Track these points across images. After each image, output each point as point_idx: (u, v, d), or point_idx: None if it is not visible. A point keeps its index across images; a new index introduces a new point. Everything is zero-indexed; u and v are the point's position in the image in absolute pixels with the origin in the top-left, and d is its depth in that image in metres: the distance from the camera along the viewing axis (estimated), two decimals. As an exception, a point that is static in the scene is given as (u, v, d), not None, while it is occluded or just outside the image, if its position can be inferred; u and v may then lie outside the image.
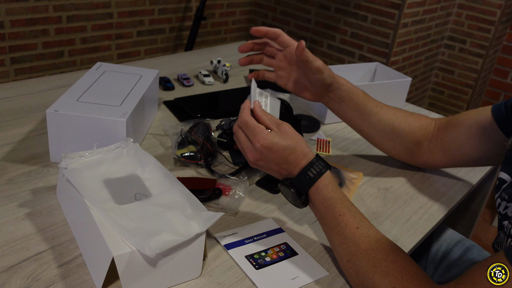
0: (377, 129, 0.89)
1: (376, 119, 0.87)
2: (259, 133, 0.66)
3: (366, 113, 0.86)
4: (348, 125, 0.92)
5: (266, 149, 0.65)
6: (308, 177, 0.66)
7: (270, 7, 2.91)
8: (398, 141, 0.90)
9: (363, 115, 0.87)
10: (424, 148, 0.90)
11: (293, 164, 0.67)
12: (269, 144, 0.65)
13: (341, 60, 2.64)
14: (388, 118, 0.87)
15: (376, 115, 0.87)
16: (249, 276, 0.65)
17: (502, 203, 0.71)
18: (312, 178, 0.66)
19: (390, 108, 0.89)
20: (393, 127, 0.88)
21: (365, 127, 0.89)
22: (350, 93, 0.85)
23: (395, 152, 0.93)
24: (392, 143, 0.90)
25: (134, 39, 2.46)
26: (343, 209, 0.65)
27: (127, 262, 0.56)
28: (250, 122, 0.67)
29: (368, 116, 0.87)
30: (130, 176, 0.73)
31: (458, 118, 0.86)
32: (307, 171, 0.66)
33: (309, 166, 0.66)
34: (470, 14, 2.72)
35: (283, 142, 0.66)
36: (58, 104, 0.83)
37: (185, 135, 0.95)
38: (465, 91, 2.89)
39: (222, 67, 1.36)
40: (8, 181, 0.80)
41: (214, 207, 0.79)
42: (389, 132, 0.88)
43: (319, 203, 0.66)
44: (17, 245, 0.66)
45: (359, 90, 0.86)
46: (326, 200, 0.65)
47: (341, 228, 0.64)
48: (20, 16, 1.97)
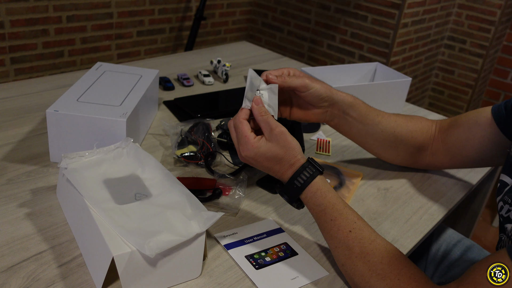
0: (380, 139, 0.87)
1: (379, 129, 0.85)
2: (245, 143, 0.67)
3: (370, 124, 0.84)
4: (352, 140, 0.89)
5: (250, 159, 0.67)
6: (295, 187, 0.66)
7: (270, 7, 2.91)
8: (400, 148, 0.89)
9: (367, 126, 0.85)
10: (426, 151, 0.90)
11: (279, 173, 0.68)
12: (253, 155, 0.66)
13: (341, 60, 2.64)
14: (390, 127, 0.86)
15: (379, 124, 0.85)
16: (249, 276, 0.65)
17: (504, 206, 0.71)
18: (300, 187, 0.66)
19: (391, 115, 0.87)
20: (395, 134, 0.86)
21: (369, 139, 0.87)
22: (352, 104, 0.82)
23: (399, 159, 0.92)
24: (395, 151, 0.89)
25: (134, 39, 2.45)
26: (334, 213, 0.65)
27: (127, 262, 0.56)
28: (240, 127, 0.67)
29: (371, 127, 0.85)
30: (130, 176, 0.73)
31: (458, 120, 0.86)
32: (293, 181, 0.66)
33: (295, 175, 0.66)
34: (470, 14, 2.72)
35: (268, 153, 0.66)
36: (58, 104, 0.83)
37: (185, 135, 0.95)
38: (465, 91, 2.89)
39: (222, 67, 1.36)
40: (8, 181, 0.80)
41: (214, 207, 0.79)
42: (392, 140, 0.87)
43: (311, 209, 0.67)
44: (17, 245, 0.66)
45: (360, 101, 0.84)
46: (317, 206, 0.66)
47: (334, 233, 0.64)
48: (20, 16, 1.97)
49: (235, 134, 0.69)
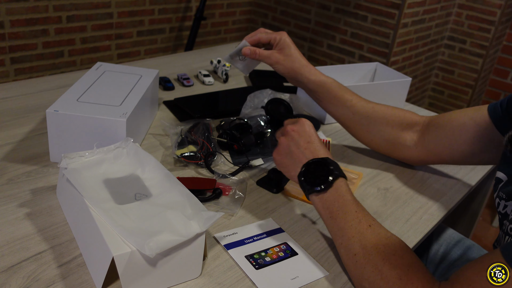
0: (352, 121, 0.93)
1: (350, 112, 0.92)
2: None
3: (339, 106, 0.92)
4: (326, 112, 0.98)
5: (302, 127, 0.76)
6: (335, 162, 0.72)
7: (270, 7, 2.91)
8: (374, 133, 0.93)
9: (337, 107, 0.93)
10: (407, 142, 0.91)
11: (320, 144, 0.74)
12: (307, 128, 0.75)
13: (341, 60, 2.64)
14: (364, 111, 0.92)
15: (351, 107, 0.92)
16: (249, 276, 0.65)
17: (500, 202, 0.71)
18: (337, 165, 0.72)
19: (369, 102, 0.93)
20: (369, 119, 0.92)
21: (340, 117, 0.95)
22: (322, 85, 0.92)
23: (374, 144, 0.96)
24: (368, 135, 0.94)
25: (134, 39, 2.46)
26: (359, 207, 0.69)
27: (127, 262, 0.56)
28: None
29: (341, 108, 0.93)
30: (130, 176, 0.73)
31: (452, 115, 0.86)
32: (330, 159, 0.72)
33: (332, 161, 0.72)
34: (470, 14, 2.72)
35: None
36: (58, 104, 0.83)
37: (185, 135, 0.95)
38: (465, 91, 2.89)
39: (222, 67, 1.36)
40: (8, 181, 0.80)
41: (214, 207, 0.79)
42: (365, 123, 0.92)
43: (340, 196, 0.69)
44: (17, 245, 0.66)
45: (335, 84, 0.92)
46: (348, 194, 0.69)
47: (355, 223, 0.66)
48: (20, 16, 1.97)
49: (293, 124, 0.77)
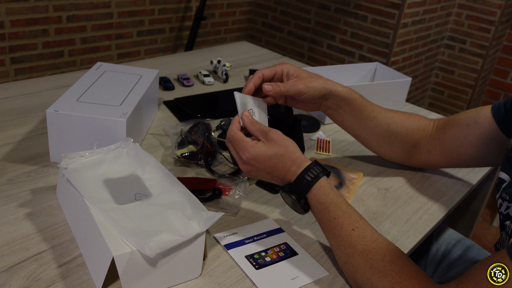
0: (374, 134, 0.88)
1: (373, 124, 0.86)
2: (243, 147, 0.68)
3: (363, 118, 0.86)
4: (346, 131, 0.91)
5: (252, 160, 0.68)
6: (305, 181, 0.66)
7: (270, 7, 2.91)
8: (395, 144, 0.89)
9: (360, 120, 0.86)
10: (422, 149, 0.90)
11: (283, 171, 0.68)
12: (254, 156, 0.67)
13: (341, 60, 2.64)
14: (385, 122, 0.87)
15: (373, 119, 0.86)
16: (249, 276, 0.65)
17: (503, 203, 0.71)
18: (310, 181, 0.66)
19: (388, 111, 0.88)
20: (390, 130, 0.87)
21: (363, 132, 0.89)
22: (347, 98, 0.83)
23: (393, 155, 0.93)
24: (389, 147, 0.90)
25: (134, 39, 2.45)
26: (338, 211, 0.65)
27: (127, 262, 0.56)
28: (235, 136, 0.69)
29: (365, 121, 0.86)
30: (130, 176, 0.73)
31: (456, 118, 0.86)
32: (304, 175, 0.66)
33: (306, 170, 0.66)
34: (470, 14, 2.72)
35: (269, 151, 0.67)
36: (58, 104, 0.83)
37: (185, 135, 0.95)
38: (465, 91, 2.89)
39: (222, 67, 1.36)
40: (8, 181, 0.80)
41: (214, 207, 0.79)
42: (387, 136, 0.88)
43: (314, 208, 0.67)
44: (17, 245, 0.66)
45: (356, 95, 0.85)
46: (320, 204, 0.66)
47: (337, 231, 0.65)
48: (20, 16, 1.97)
49: (232, 145, 0.70)
